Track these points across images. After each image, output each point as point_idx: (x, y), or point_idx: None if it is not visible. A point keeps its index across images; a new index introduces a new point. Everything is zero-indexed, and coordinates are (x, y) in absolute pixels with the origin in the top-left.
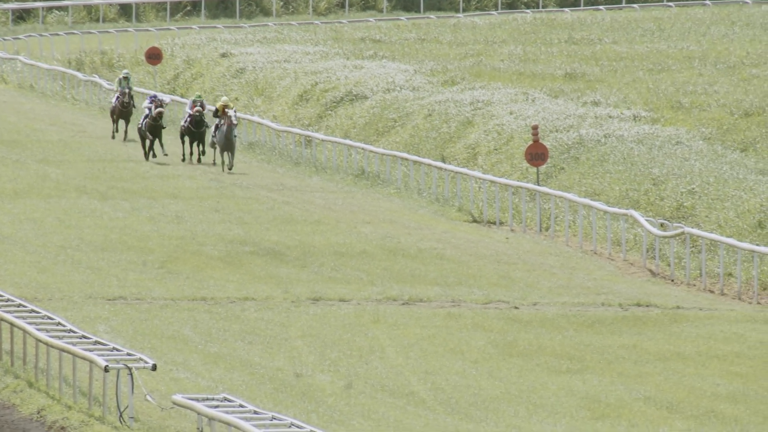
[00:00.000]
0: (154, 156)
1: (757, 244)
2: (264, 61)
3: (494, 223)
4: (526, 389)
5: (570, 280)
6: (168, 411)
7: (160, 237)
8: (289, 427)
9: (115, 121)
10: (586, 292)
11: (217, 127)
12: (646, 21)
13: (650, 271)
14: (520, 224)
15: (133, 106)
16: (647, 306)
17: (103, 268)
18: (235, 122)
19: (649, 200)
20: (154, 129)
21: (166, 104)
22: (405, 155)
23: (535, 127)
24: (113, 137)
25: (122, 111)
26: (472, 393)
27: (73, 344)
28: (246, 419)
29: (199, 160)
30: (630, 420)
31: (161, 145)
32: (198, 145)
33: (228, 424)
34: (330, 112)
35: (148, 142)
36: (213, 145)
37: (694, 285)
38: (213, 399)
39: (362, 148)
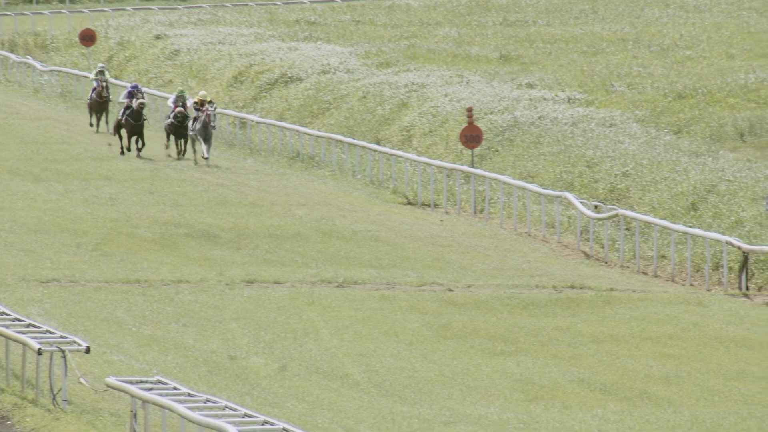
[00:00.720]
0: (137, 151)
1: (691, 226)
2: (198, 43)
3: (429, 206)
4: (460, 371)
5: (504, 263)
6: (102, 394)
7: (93, 219)
8: (223, 409)
9: (93, 115)
10: (521, 275)
11: (195, 119)
12: (581, 3)
13: (584, 253)
14: (454, 206)
15: (109, 98)
16: (581, 288)
17: (37, 250)
18: (213, 123)
19: (583, 182)
20: (135, 128)
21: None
22: (340, 137)
23: (469, 110)
24: (90, 125)
25: (99, 103)
26: (407, 375)
27: (6, 327)
28: (180, 402)
29: (182, 154)
30: (564, 402)
31: (142, 143)
32: (182, 142)
33: (162, 406)
34: (265, 94)
35: (125, 139)
36: (194, 136)
37: (628, 267)
38: (147, 382)
39: (297, 131)
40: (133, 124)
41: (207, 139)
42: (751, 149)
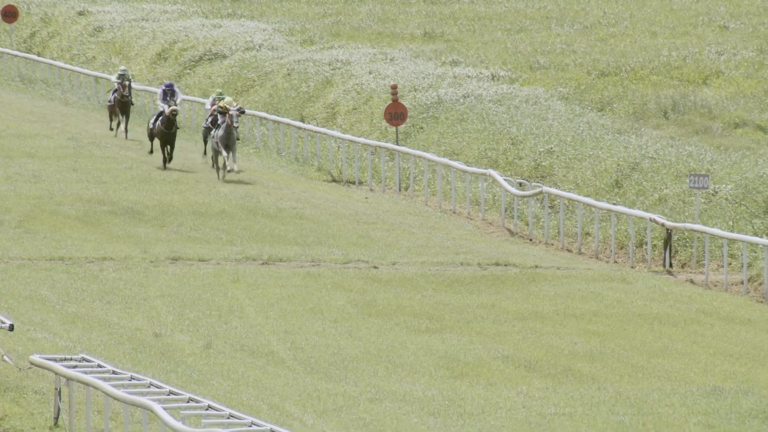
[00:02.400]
0: (169, 161)
1: (614, 203)
2: (122, 20)
3: (354, 183)
4: (386, 348)
5: (429, 240)
6: (26, 371)
7: (16, 196)
8: (148, 387)
9: (117, 117)
10: (445, 252)
11: (218, 126)
12: None
13: (509, 230)
14: (379, 184)
15: (132, 103)
16: (506, 265)
17: None
18: (235, 124)
19: (507, 160)
20: (167, 137)
21: (178, 103)
22: (264, 115)
23: (394, 87)
24: (116, 134)
25: (121, 102)
26: (332, 352)
27: None
28: (105, 379)
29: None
30: (488, 379)
31: (171, 153)
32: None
33: (86, 384)
34: (189, 71)
35: (158, 144)
36: (216, 145)
37: (552, 244)
38: (71, 359)
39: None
40: (164, 132)
41: (230, 146)
42: (674, 126)
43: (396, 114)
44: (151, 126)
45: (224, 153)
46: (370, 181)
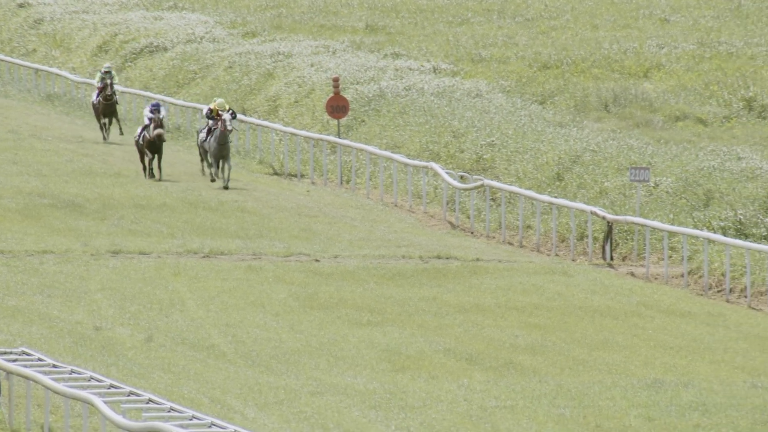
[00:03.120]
0: (152, 176)
1: (556, 197)
2: (62, 12)
3: (295, 176)
4: (327, 342)
5: (371, 233)
6: None
7: None
8: (89, 380)
9: (103, 121)
10: (387, 245)
11: (209, 132)
12: None
13: (450, 223)
14: (321, 177)
15: (117, 101)
16: (447, 258)
17: None
18: (229, 128)
19: (449, 153)
20: (152, 145)
21: (163, 119)
22: (203, 106)
23: (335, 80)
24: (104, 138)
25: (106, 105)
26: (273, 346)
27: None
28: (45, 373)
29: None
30: (430, 372)
31: (158, 163)
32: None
33: (26, 378)
34: (130, 63)
35: (147, 159)
36: (204, 153)
37: (494, 237)
38: (11, 353)
39: (162, 101)
40: (151, 142)
41: (225, 157)
42: (615, 119)
43: (338, 107)
44: (136, 138)
45: (214, 166)
46: (312, 174)
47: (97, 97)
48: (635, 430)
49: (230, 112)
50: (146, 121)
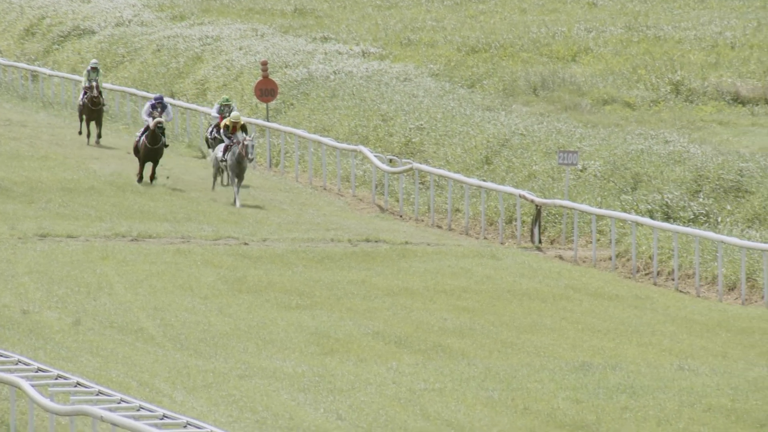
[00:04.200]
0: (152, 179)
1: (484, 180)
2: None
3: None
4: (256, 325)
5: (300, 216)
6: None
7: None
8: (16, 364)
9: (85, 121)
10: (316, 228)
11: (227, 148)
12: None
13: (379, 206)
14: (249, 161)
15: (104, 104)
16: (376, 242)
17: None
18: (251, 157)
19: (378, 136)
20: (151, 153)
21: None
22: (134, 91)
23: (264, 63)
24: (88, 142)
25: (92, 110)
26: (202, 329)
27: None
28: None
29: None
30: (359, 355)
31: (153, 170)
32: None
33: None
34: (57, 46)
35: (148, 165)
36: (220, 168)
37: (423, 220)
38: None
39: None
40: (149, 148)
41: (240, 175)
42: (543, 103)
43: (266, 90)
44: (136, 140)
45: (235, 186)
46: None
47: (83, 98)
48: (563, 413)
49: (250, 137)
50: (146, 119)
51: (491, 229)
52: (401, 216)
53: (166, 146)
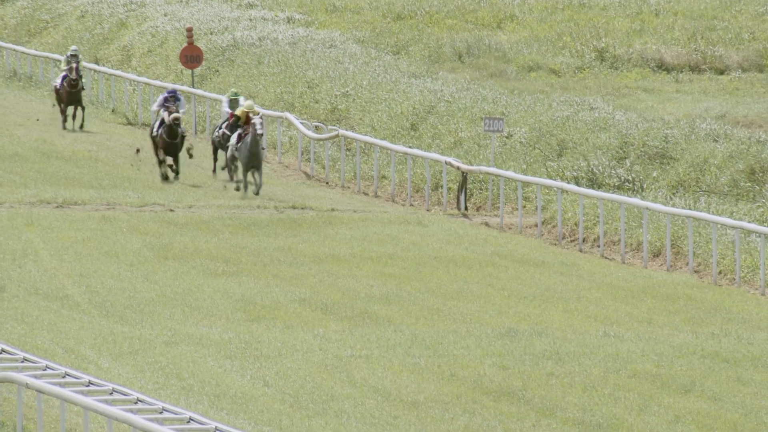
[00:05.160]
0: (166, 178)
1: (410, 147)
2: None
3: (148, 125)
4: (182, 292)
5: (226, 183)
6: None
7: None
8: None
9: (64, 108)
10: (241, 195)
11: (239, 138)
12: None
13: (305, 173)
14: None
15: (83, 88)
16: (302, 208)
17: None
18: (260, 131)
19: (304, 103)
20: (171, 147)
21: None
22: (58, 57)
23: (189, 29)
24: (64, 127)
25: (70, 93)
26: (128, 296)
27: None
28: None
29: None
30: (285, 321)
31: (177, 164)
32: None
33: None
34: None
35: (167, 158)
36: (233, 160)
37: (349, 187)
38: None
39: (14, 50)
40: (167, 141)
41: (257, 166)
42: (469, 70)
43: (191, 57)
44: (154, 134)
45: (254, 173)
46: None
47: (62, 82)
48: (489, 379)
49: (260, 116)
50: (162, 114)
51: (417, 196)
52: (327, 183)
53: (184, 136)
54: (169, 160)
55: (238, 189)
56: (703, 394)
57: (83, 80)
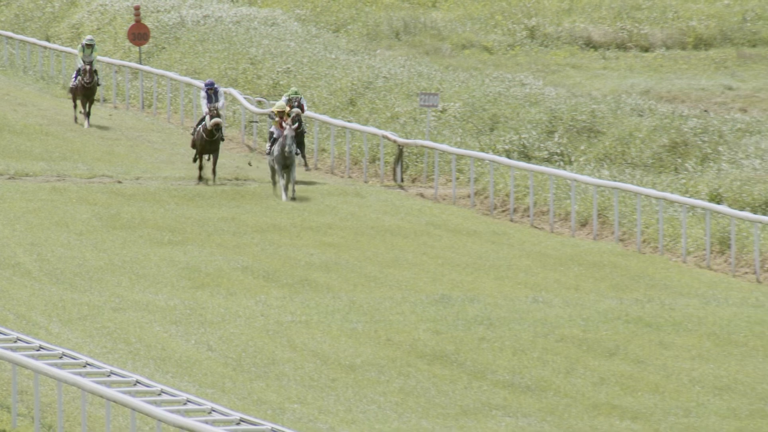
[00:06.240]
0: (213, 177)
1: (349, 121)
2: None
3: (98, 101)
4: (129, 260)
5: (172, 156)
6: None
7: None
8: None
9: (79, 104)
10: (187, 167)
11: (274, 140)
12: None
13: (248, 146)
14: (123, 102)
15: (98, 83)
16: (245, 180)
17: None
18: (290, 133)
19: (247, 79)
20: (210, 145)
21: (222, 109)
22: (10, 34)
23: (137, 8)
24: (76, 120)
25: (86, 89)
26: (77, 264)
27: None
28: None
29: (306, 166)
30: (229, 288)
31: (214, 163)
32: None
33: None
34: None
35: (205, 156)
36: (271, 162)
37: None
38: None
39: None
40: (206, 140)
41: (288, 167)
42: (405, 47)
43: (139, 34)
44: (193, 133)
45: (281, 179)
46: (115, 99)
47: (76, 79)
48: (424, 343)
49: (296, 115)
50: (204, 109)
51: (356, 169)
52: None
53: (222, 139)
54: (204, 164)
55: (274, 184)
56: (627, 357)
57: (97, 76)
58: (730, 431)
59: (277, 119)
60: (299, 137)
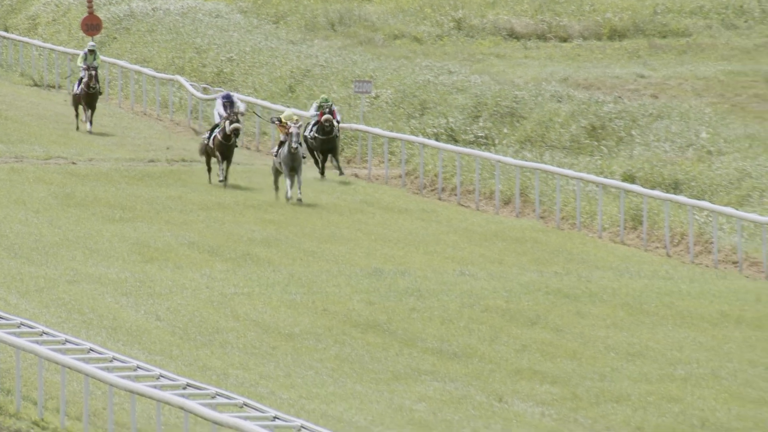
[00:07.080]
0: (224, 180)
1: (288, 106)
2: None
3: (54, 87)
4: (83, 236)
5: (123, 139)
6: None
7: None
8: None
9: (81, 110)
10: (137, 149)
11: (281, 144)
12: None
13: (194, 130)
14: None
15: (100, 92)
16: (191, 161)
17: None
18: (294, 144)
19: (193, 67)
20: (226, 149)
21: (242, 114)
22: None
23: (89, 0)
24: (78, 128)
25: (89, 95)
26: (34, 239)
27: None
28: None
29: (340, 171)
30: (176, 263)
31: (227, 169)
32: (332, 159)
33: None
34: None
35: (218, 162)
36: (278, 166)
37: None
38: None
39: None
40: (223, 143)
41: (295, 169)
42: (341, 38)
43: (92, 25)
44: (205, 141)
45: (287, 180)
46: (68, 86)
47: (79, 87)
48: (358, 313)
49: (297, 124)
50: (217, 118)
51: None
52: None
53: (236, 146)
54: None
55: (288, 198)
56: (547, 325)
57: (99, 84)
58: (642, 394)
59: (277, 123)
60: (332, 143)
